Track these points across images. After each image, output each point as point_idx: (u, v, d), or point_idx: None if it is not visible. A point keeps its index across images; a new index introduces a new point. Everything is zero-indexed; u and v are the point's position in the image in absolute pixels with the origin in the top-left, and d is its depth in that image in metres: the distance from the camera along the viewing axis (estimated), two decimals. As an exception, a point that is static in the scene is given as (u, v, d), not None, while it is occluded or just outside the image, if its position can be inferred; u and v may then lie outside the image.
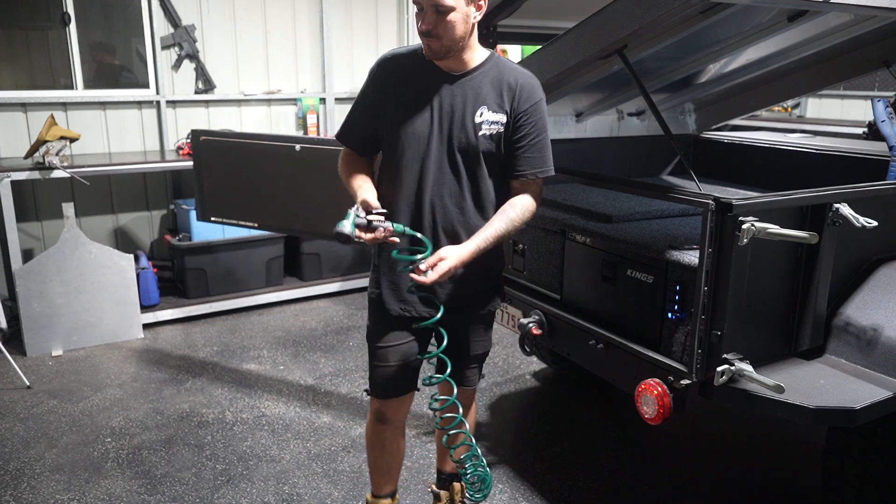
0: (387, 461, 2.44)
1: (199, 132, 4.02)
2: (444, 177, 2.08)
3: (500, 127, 2.06)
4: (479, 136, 2.05)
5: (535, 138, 2.08)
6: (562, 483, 2.98)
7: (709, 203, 1.92)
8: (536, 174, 2.10)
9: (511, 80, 2.05)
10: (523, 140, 2.07)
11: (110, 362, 4.14)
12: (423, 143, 2.07)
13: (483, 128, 2.05)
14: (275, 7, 5.48)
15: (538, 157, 2.09)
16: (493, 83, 2.05)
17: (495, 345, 4.44)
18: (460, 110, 2.05)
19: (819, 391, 2.02)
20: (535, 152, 2.09)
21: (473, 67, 2.06)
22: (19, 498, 2.85)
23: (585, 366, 2.55)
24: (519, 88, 2.05)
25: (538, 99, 2.07)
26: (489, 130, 2.05)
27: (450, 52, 2.00)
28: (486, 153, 2.07)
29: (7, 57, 4.72)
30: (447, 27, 1.93)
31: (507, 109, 2.05)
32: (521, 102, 2.04)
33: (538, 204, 2.16)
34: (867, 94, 6.40)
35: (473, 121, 2.04)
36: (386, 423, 2.36)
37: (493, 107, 2.05)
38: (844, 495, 2.34)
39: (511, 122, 2.06)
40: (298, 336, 4.58)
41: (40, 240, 4.87)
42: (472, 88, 2.05)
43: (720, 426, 3.48)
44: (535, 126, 2.07)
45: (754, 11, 2.67)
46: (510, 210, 2.09)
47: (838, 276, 2.21)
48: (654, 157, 3.77)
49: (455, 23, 1.93)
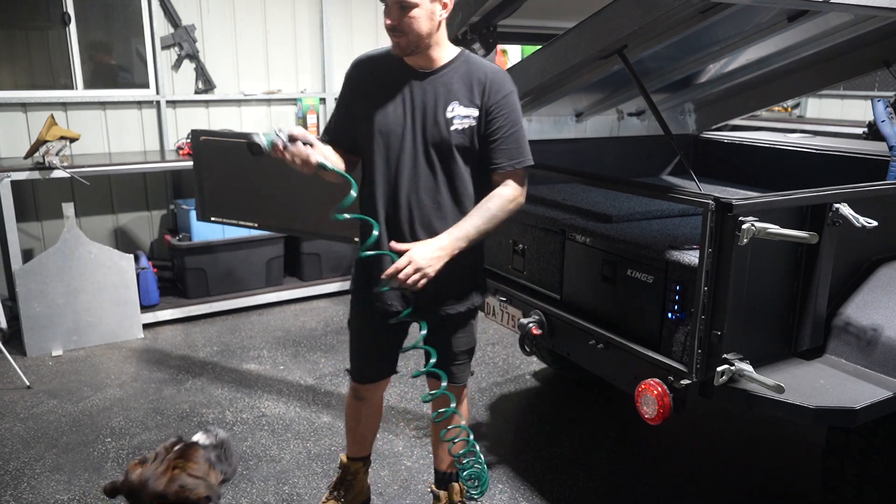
0: (361, 432, 2.62)
1: (199, 132, 4.02)
2: (419, 173, 2.12)
3: (472, 121, 2.09)
4: (451, 131, 2.08)
5: (509, 130, 2.11)
6: (562, 483, 2.98)
7: (709, 203, 1.92)
8: (514, 165, 2.13)
9: (481, 75, 2.09)
10: (497, 133, 2.10)
11: (110, 362, 4.14)
12: (396, 141, 2.11)
13: (455, 122, 2.08)
14: (275, 7, 5.48)
15: (514, 148, 2.12)
16: (463, 79, 2.10)
17: (495, 345, 4.44)
18: (432, 106, 2.09)
19: (819, 391, 2.02)
20: (510, 144, 2.11)
21: (443, 65, 2.11)
22: (19, 498, 2.85)
23: (585, 366, 2.55)
24: (489, 82, 2.08)
25: (508, 91, 2.11)
26: (461, 125, 2.09)
27: (417, 49, 2.05)
28: (460, 147, 2.11)
29: (7, 57, 4.72)
30: (411, 23, 1.98)
31: (479, 103, 2.08)
32: (491, 95, 2.08)
33: (522, 195, 2.17)
34: (867, 94, 6.39)
35: (445, 116, 2.08)
36: (363, 400, 2.53)
37: (465, 101, 2.09)
38: (844, 495, 2.34)
39: (483, 115, 2.09)
40: (298, 336, 4.58)
41: (40, 240, 4.87)
42: (442, 85, 2.10)
43: (720, 426, 3.48)
44: (508, 118, 2.10)
45: (754, 11, 2.67)
46: (489, 203, 2.11)
47: (838, 276, 2.21)
48: (654, 157, 3.77)
49: (419, 19, 1.99)
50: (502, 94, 2.09)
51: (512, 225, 2.86)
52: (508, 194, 2.13)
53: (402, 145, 2.11)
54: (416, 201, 2.13)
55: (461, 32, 2.91)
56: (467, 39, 2.91)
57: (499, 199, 2.11)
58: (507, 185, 2.14)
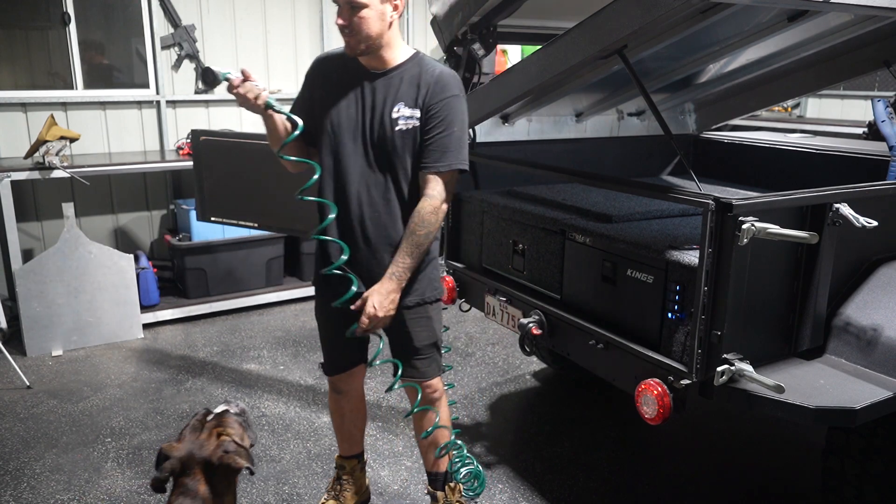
0: (348, 428, 2.64)
1: (199, 132, 4.02)
2: (368, 170, 2.19)
3: (415, 122, 2.14)
4: (395, 132, 2.14)
5: (442, 132, 2.13)
6: (562, 483, 2.98)
7: (709, 203, 1.92)
8: (438, 168, 2.14)
9: (428, 77, 2.14)
10: (430, 133, 2.14)
11: (110, 362, 4.14)
12: (347, 138, 2.19)
13: (399, 123, 2.13)
14: (275, 7, 5.48)
15: (442, 150, 2.14)
16: (412, 80, 2.15)
17: (495, 345, 4.44)
18: (380, 106, 2.15)
19: (819, 391, 2.02)
20: (439, 146, 2.13)
21: (395, 66, 2.17)
22: (19, 498, 2.85)
23: (585, 366, 2.55)
24: (433, 84, 2.13)
25: (451, 95, 2.14)
26: (405, 125, 2.14)
27: (368, 49, 2.11)
28: (403, 148, 2.15)
29: (7, 57, 4.72)
30: (361, 23, 2.05)
31: (421, 105, 2.13)
32: (431, 97, 2.12)
33: (445, 201, 2.18)
34: (867, 94, 6.39)
35: (391, 116, 2.14)
36: (342, 393, 2.57)
37: (410, 103, 2.14)
38: (844, 495, 2.34)
39: (423, 116, 2.13)
40: (298, 336, 4.58)
41: (40, 240, 4.87)
42: (392, 86, 2.15)
43: (720, 426, 3.48)
44: (444, 120, 2.13)
45: (754, 11, 2.67)
46: (411, 224, 2.15)
47: (838, 276, 2.21)
48: (654, 157, 3.77)
49: (369, 19, 2.05)
50: (443, 97, 2.12)
51: (512, 225, 2.86)
52: (429, 207, 2.14)
53: (354, 142, 2.18)
54: (367, 198, 2.20)
55: (461, 32, 2.91)
56: (467, 39, 2.91)
57: (420, 219, 2.14)
58: (427, 195, 2.15)
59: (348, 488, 2.69)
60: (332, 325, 2.41)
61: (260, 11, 5.42)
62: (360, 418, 2.68)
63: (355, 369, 2.53)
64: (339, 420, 2.65)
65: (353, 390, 2.59)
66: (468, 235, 3.15)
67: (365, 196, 2.20)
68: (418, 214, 2.15)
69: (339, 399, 2.60)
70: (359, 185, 2.20)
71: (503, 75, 2.75)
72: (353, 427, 2.66)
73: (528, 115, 3.40)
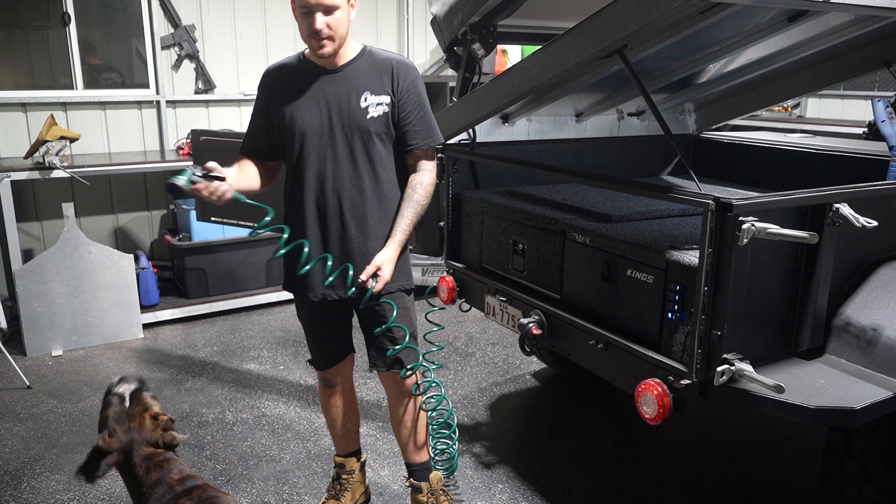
0: (343, 423, 2.68)
1: (199, 132, 4.02)
2: (341, 164, 2.27)
3: (385, 107, 2.26)
4: (368, 119, 2.24)
5: (420, 112, 2.29)
6: (562, 483, 2.98)
7: (709, 203, 1.92)
8: (429, 143, 2.32)
9: (387, 65, 2.27)
10: (410, 116, 2.28)
11: (110, 362, 4.14)
12: (316, 137, 2.26)
13: (370, 111, 2.24)
14: (275, 7, 5.48)
15: (426, 129, 2.31)
16: (370, 70, 2.26)
17: (495, 345, 4.44)
18: (346, 100, 2.24)
19: (819, 391, 2.02)
20: (422, 125, 2.30)
21: (350, 60, 2.27)
22: (19, 498, 2.85)
23: (585, 366, 2.55)
24: (395, 71, 2.26)
25: (415, 77, 2.30)
26: (376, 112, 2.25)
27: (337, 49, 2.20)
28: (377, 133, 2.27)
29: (7, 57, 4.72)
30: (338, 25, 2.14)
31: (390, 90, 2.26)
32: (400, 82, 2.26)
33: (436, 176, 2.39)
34: (867, 94, 6.39)
35: (360, 106, 2.24)
36: (333, 386, 2.63)
37: (376, 90, 2.25)
38: (844, 495, 2.34)
39: (395, 101, 2.26)
40: (298, 336, 4.58)
41: (40, 240, 4.87)
42: (352, 78, 2.25)
43: (720, 426, 3.48)
44: (418, 101, 2.29)
45: (754, 11, 2.67)
46: (414, 194, 2.30)
47: (838, 276, 2.21)
48: (654, 157, 3.77)
49: (342, 20, 2.15)
50: (410, 80, 2.27)
51: (512, 225, 2.86)
52: (429, 179, 2.33)
53: (322, 140, 2.26)
54: (343, 191, 2.28)
55: (461, 32, 2.91)
56: (467, 39, 2.91)
57: (422, 188, 2.31)
58: (423, 169, 2.33)
59: (348, 488, 2.71)
60: (318, 321, 2.50)
61: (260, 11, 5.42)
62: (353, 412, 2.71)
63: (344, 361, 2.60)
64: (332, 415, 2.68)
65: (343, 382, 2.64)
66: (468, 235, 3.15)
67: (342, 189, 2.28)
68: (422, 186, 2.30)
69: (331, 393, 2.64)
70: (334, 181, 2.27)
71: (503, 75, 2.75)
72: (348, 421, 2.69)
73: (528, 115, 3.40)
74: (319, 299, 2.36)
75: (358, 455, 2.75)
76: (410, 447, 2.58)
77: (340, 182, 2.27)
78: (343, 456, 2.73)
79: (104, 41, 5.02)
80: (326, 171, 2.27)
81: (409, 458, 2.62)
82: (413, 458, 2.61)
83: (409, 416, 2.52)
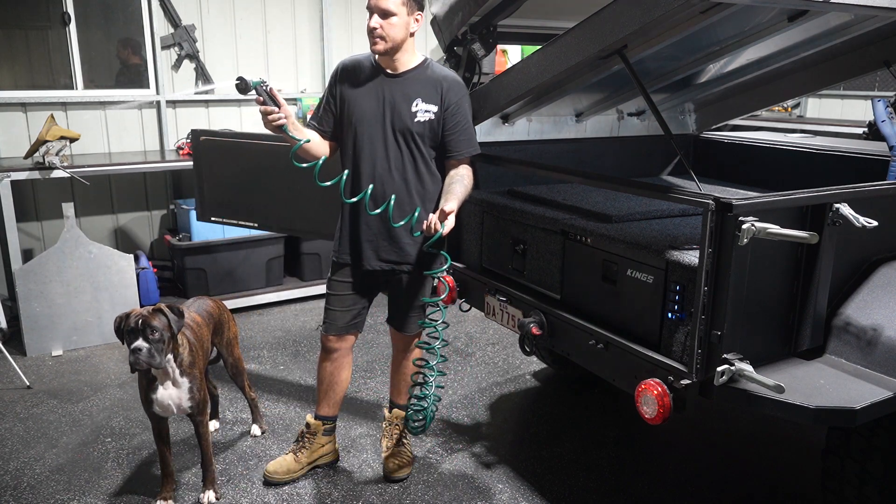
0: (333, 387, 2.95)
1: (199, 132, 4.02)
2: (389, 153, 2.63)
3: (432, 115, 2.61)
4: (415, 122, 2.60)
5: (465, 124, 2.66)
6: (562, 483, 2.98)
7: (709, 203, 1.92)
8: (469, 152, 2.70)
9: (441, 80, 2.62)
10: (456, 127, 2.64)
11: (110, 362, 4.14)
12: (371, 129, 2.62)
13: (418, 115, 2.60)
14: (275, 7, 5.48)
15: (468, 139, 2.68)
16: (425, 81, 2.62)
17: (495, 345, 4.44)
18: (400, 101, 2.60)
19: (819, 391, 2.02)
20: (465, 136, 2.67)
21: (410, 68, 2.62)
22: (19, 498, 2.85)
23: (585, 366, 2.55)
24: (448, 86, 2.62)
25: (463, 94, 2.67)
26: (423, 117, 2.60)
27: (388, 51, 2.53)
28: (421, 135, 2.62)
29: (7, 57, 4.72)
30: (390, 29, 2.48)
31: (439, 102, 2.61)
32: (450, 97, 2.61)
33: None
34: (867, 94, 6.40)
35: (410, 109, 2.59)
36: (334, 352, 2.88)
37: (427, 99, 2.60)
38: (844, 495, 2.34)
39: (442, 112, 2.61)
40: (298, 336, 4.58)
41: (40, 240, 4.87)
42: (408, 85, 2.61)
43: (720, 426, 3.48)
44: (465, 116, 2.66)
45: (754, 11, 2.67)
46: (464, 178, 2.62)
47: (838, 276, 2.21)
48: (654, 157, 3.77)
49: (396, 27, 2.49)
50: (459, 97, 2.63)
51: (512, 225, 2.86)
52: (469, 173, 2.67)
53: (376, 132, 2.61)
54: (388, 176, 2.63)
55: (461, 32, 2.91)
56: (467, 39, 2.91)
57: (467, 178, 2.64)
58: (465, 166, 2.68)
59: (307, 446, 2.98)
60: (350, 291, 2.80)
61: (260, 11, 5.42)
62: (340, 382, 2.95)
63: (350, 334, 2.89)
64: (321, 377, 2.93)
65: (343, 349, 2.90)
66: (468, 235, 3.15)
67: (387, 175, 2.62)
68: (468, 177, 2.65)
69: (328, 358, 2.90)
70: (382, 168, 2.62)
71: (503, 75, 2.76)
72: (332, 389, 2.94)
73: (528, 115, 3.40)
74: (372, 269, 2.72)
75: (329, 423, 3.01)
76: (395, 392, 3.09)
77: (387, 170, 2.62)
78: (316, 418, 2.99)
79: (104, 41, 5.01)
80: (377, 159, 2.62)
81: (393, 397, 3.11)
82: (396, 400, 3.09)
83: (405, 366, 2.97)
